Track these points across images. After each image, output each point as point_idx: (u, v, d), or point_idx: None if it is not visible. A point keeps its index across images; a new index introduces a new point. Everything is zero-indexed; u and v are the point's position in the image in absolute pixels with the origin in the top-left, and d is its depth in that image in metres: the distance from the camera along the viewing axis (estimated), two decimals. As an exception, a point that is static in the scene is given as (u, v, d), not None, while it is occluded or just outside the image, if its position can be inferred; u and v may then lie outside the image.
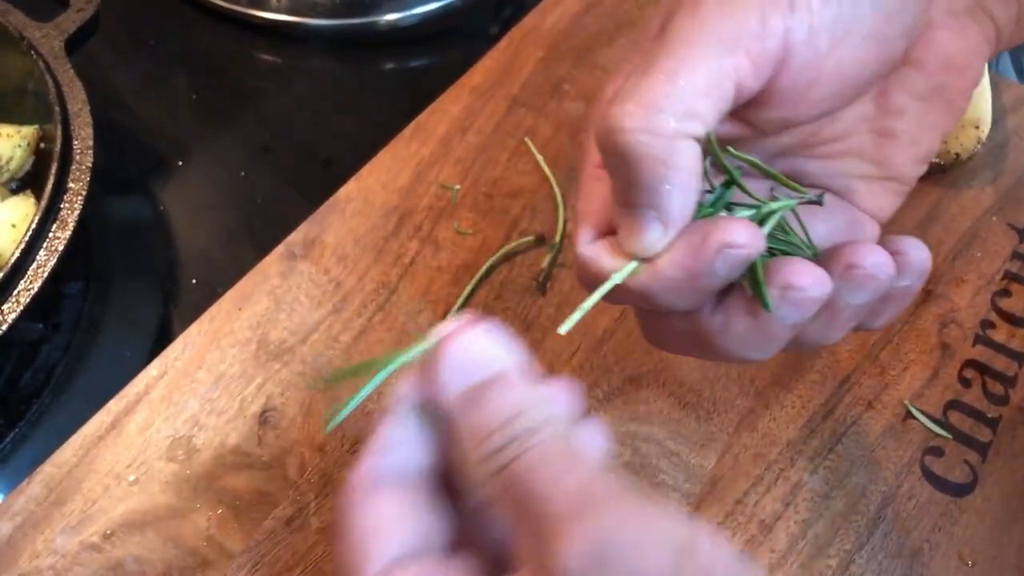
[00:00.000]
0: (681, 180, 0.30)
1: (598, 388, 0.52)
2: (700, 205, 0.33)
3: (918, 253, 0.34)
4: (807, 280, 0.31)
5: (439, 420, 0.30)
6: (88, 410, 0.50)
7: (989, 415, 0.52)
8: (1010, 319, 0.55)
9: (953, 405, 0.52)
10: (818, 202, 0.36)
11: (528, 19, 0.70)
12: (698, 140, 0.30)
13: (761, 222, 0.34)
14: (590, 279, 0.34)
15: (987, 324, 0.55)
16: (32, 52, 0.60)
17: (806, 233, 0.36)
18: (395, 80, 0.76)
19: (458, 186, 0.60)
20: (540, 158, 0.61)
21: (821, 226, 0.37)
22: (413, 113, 0.64)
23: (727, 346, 0.34)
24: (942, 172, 0.61)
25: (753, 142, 0.35)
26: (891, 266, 0.33)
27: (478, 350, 0.30)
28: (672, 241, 0.31)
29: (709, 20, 0.30)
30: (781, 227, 0.35)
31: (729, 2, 0.30)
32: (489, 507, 0.30)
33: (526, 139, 0.62)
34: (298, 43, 0.77)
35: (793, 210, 0.36)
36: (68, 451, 0.48)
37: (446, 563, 0.28)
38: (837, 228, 0.37)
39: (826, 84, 0.32)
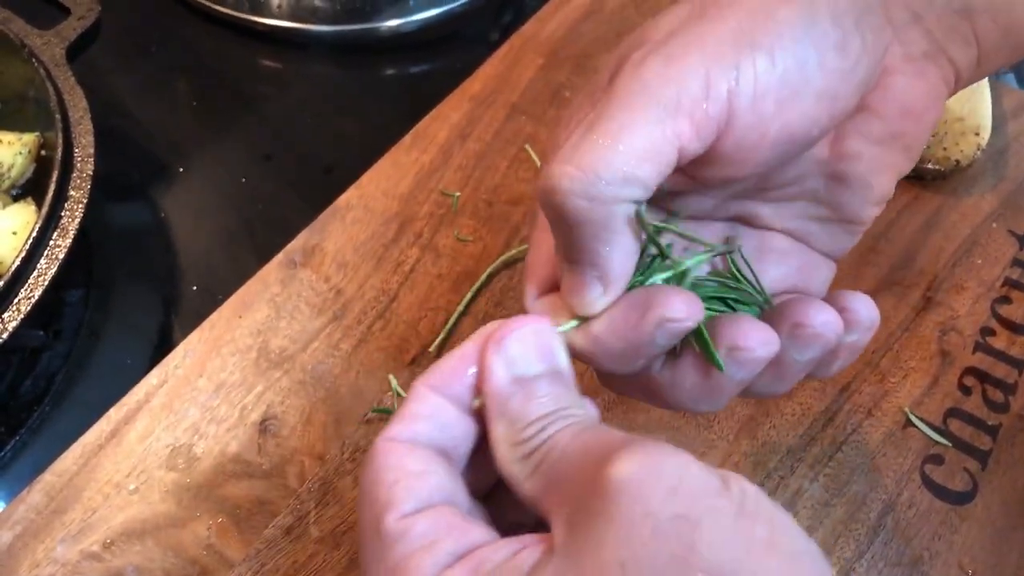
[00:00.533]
0: (619, 243, 0.31)
1: (599, 397, 0.52)
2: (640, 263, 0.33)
3: (867, 311, 0.35)
4: (754, 341, 0.32)
5: (470, 409, 0.31)
6: (88, 418, 0.50)
7: (989, 423, 0.52)
8: (1010, 326, 0.55)
9: (953, 413, 0.52)
10: (730, 251, 0.36)
11: (528, 26, 0.70)
12: (637, 203, 0.30)
13: (679, 280, 0.34)
14: None
15: (987, 331, 0.55)
16: (33, 60, 0.60)
17: (757, 281, 0.37)
18: (396, 86, 0.76)
19: (458, 193, 0.60)
20: (540, 165, 0.61)
21: (774, 269, 0.37)
22: (414, 119, 0.64)
23: (677, 399, 0.35)
24: (942, 179, 0.61)
25: (702, 189, 0.35)
26: (838, 324, 0.33)
27: (534, 344, 0.31)
28: (613, 303, 0.32)
29: (651, 83, 0.30)
30: (733, 275, 0.36)
31: (673, 63, 0.30)
32: (513, 489, 0.30)
33: (526, 146, 0.63)
34: (299, 49, 0.78)
35: (744, 257, 0.36)
36: (68, 460, 0.48)
37: (469, 520, 0.28)
38: (791, 271, 0.38)
39: (771, 145, 0.31)
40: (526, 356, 0.31)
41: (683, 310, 0.30)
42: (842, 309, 0.34)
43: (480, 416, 0.31)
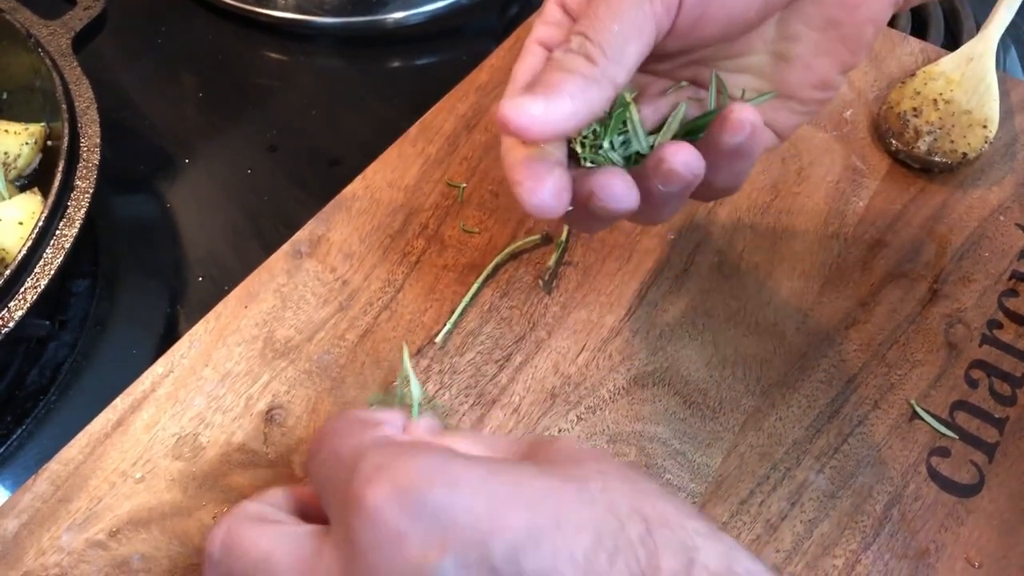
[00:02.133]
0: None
1: (603, 387, 0.52)
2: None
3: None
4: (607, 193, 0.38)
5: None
6: (94, 407, 0.50)
7: (996, 415, 0.52)
8: (1017, 319, 0.55)
9: (960, 405, 0.52)
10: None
11: (534, 17, 0.69)
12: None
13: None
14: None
15: (994, 324, 0.55)
16: (39, 50, 0.60)
17: (642, 130, 0.41)
18: (402, 78, 0.76)
19: (464, 184, 0.60)
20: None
21: None
22: (420, 111, 0.64)
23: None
24: (950, 171, 0.61)
25: (662, 57, 0.41)
26: (697, 165, 0.38)
27: None
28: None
29: None
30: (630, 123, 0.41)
31: None
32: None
33: (532, 138, 0.62)
34: (305, 41, 0.78)
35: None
36: (74, 448, 0.48)
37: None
38: None
39: (713, 22, 0.38)
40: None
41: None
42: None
43: None
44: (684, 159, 0.37)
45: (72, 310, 0.60)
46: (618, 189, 0.37)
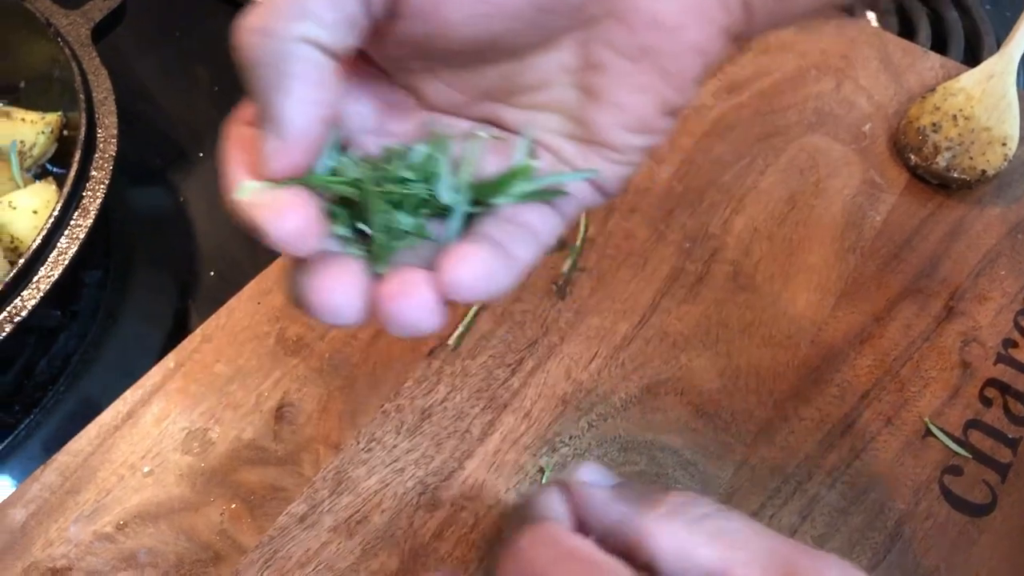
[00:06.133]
0: (295, 88, 0.27)
1: (615, 395, 0.51)
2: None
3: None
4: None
5: None
6: (103, 399, 0.50)
7: (1009, 435, 0.51)
8: (1033, 339, 0.55)
9: (973, 424, 0.52)
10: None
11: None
12: (322, 48, 0.27)
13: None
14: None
15: (1009, 343, 0.55)
16: (58, 39, 0.60)
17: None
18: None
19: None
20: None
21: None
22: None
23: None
24: (968, 188, 0.61)
25: (443, 77, 0.32)
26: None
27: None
28: (291, 164, 0.28)
29: None
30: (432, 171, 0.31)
31: None
32: None
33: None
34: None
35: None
36: (84, 440, 0.48)
37: None
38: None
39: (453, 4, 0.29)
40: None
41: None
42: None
43: None
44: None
45: (84, 301, 0.59)
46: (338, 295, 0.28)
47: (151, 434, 0.49)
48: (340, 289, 0.28)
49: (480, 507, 0.48)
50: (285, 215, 0.27)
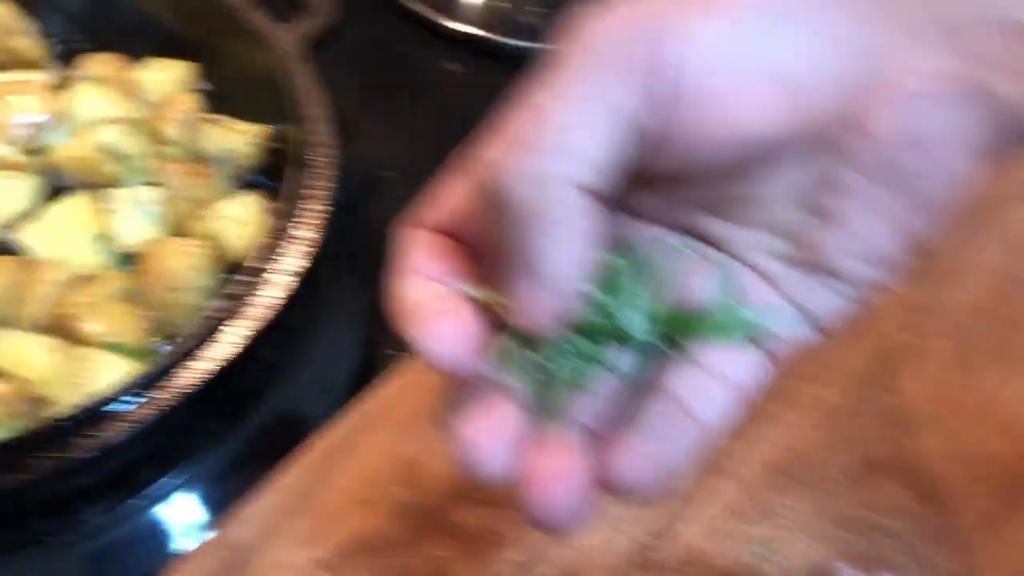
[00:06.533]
0: (561, 237, 0.25)
1: (833, 468, 0.50)
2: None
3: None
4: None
5: None
6: (306, 414, 0.49)
7: None
8: None
9: None
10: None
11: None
12: (588, 188, 0.25)
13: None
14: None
15: None
16: (273, 52, 0.61)
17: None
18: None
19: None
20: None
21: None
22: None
23: None
24: None
25: (652, 185, 0.29)
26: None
27: None
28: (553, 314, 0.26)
29: (598, 44, 0.25)
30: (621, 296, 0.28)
31: (611, 19, 0.25)
32: None
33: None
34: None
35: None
36: (303, 463, 0.48)
37: None
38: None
39: (716, 133, 0.26)
40: None
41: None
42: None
43: None
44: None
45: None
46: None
47: (368, 463, 0.48)
48: (487, 438, 0.27)
49: (695, 572, 0.46)
50: (442, 325, 0.26)
